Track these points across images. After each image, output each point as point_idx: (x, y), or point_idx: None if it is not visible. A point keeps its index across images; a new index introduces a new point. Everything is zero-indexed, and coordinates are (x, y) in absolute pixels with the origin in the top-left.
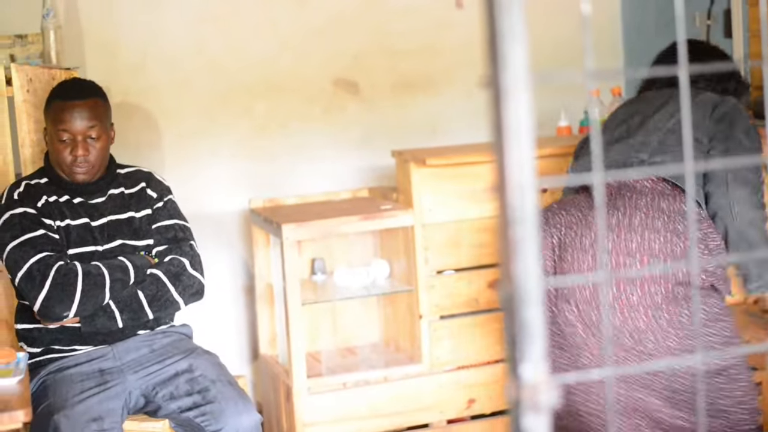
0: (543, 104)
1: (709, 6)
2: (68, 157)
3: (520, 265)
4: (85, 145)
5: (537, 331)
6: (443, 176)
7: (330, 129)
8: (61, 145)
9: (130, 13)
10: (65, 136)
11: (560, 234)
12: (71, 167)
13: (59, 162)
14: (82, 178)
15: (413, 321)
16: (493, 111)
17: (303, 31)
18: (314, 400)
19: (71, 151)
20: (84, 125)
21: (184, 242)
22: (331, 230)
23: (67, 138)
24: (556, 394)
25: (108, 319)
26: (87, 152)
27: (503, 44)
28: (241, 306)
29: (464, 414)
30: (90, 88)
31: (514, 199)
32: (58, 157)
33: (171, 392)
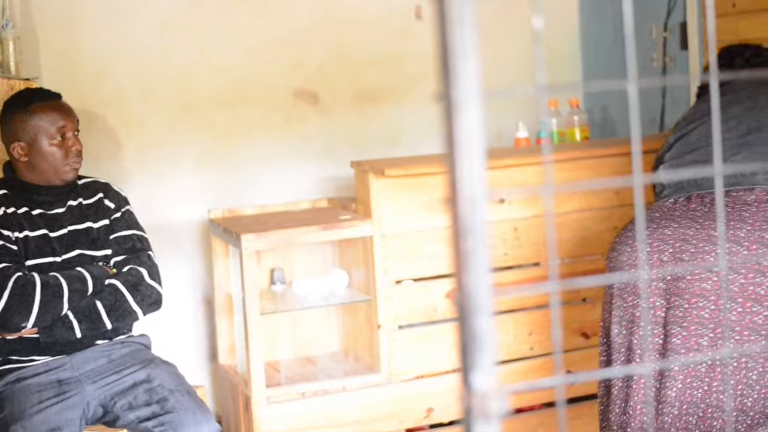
0: (501, 116)
1: (666, 18)
2: (66, 155)
3: (471, 275)
4: (77, 138)
5: (487, 340)
6: (402, 187)
7: (291, 139)
8: (57, 145)
9: (92, 22)
10: (60, 133)
11: (673, 248)
12: (67, 164)
13: (52, 164)
14: (73, 174)
15: (372, 331)
16: (445, 124)
17: (266, 42)
18: (273, 410)
19: (69, 146)
20: (74, 119)
21: (142, 252)
22: (291, 240)
23: (62, 134)
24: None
25: (66, 330)
26: (81, 145)
27: (454, 59)
28: (200, 316)
29: (423, 423)
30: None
31: (465, 211)
32: (50, 158)
33: (129, 402)
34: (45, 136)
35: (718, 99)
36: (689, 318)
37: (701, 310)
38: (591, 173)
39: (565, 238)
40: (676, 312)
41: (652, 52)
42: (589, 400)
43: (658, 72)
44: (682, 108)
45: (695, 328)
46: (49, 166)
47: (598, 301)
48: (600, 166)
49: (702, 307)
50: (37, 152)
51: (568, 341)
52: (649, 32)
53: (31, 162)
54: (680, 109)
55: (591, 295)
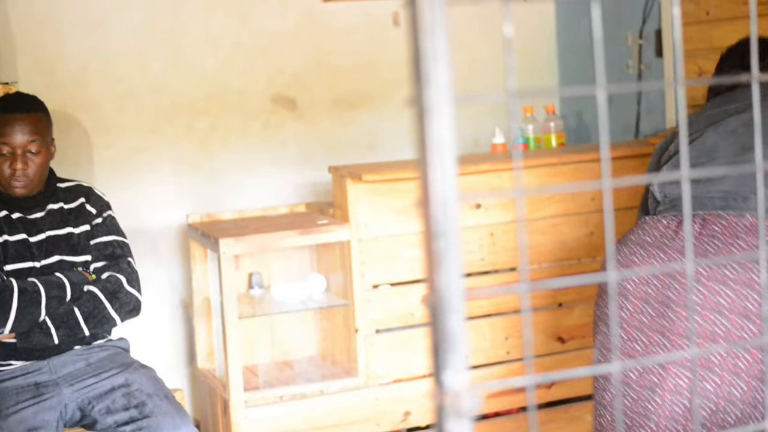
0: (479, 122)
1: (641, 26)
2: (7, 171)
3: (443, 276)
4: (24, 159)
5: (459, 339)
6: (379, 191)
7: (269, 145)
8: (3, 161)
9: (71, 28)
10: (5, 150)
11: (659, 283)
12: (9, 180)
13: (2, 179)
14: (20, 192)
15: (349, 335)
16: (417, 128)
17: (244, 48)
18: (251, 414)
19: (10, 164)
20: (24, 139)
21: (122, 259)
22: (269, 245)
23: (7, 151)
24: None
25: (44, 336)
26: (26, 166)
27: (426, 63)
28: (179, 320)
29: (400, 427)
30: (31, 102)
31: (437, 213)
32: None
33: (107, 406)
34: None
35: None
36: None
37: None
38: (567, 179)
39: (542, 243)
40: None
41: (627, 59)
42: (565, 404)
43: (634, 79)
44: (657, 115)
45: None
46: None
47: (574, 306)
48: (576, 172)
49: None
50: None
51: (544, 346)
52: (625, 39)
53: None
54: (655, 116)
55: (567, 299)
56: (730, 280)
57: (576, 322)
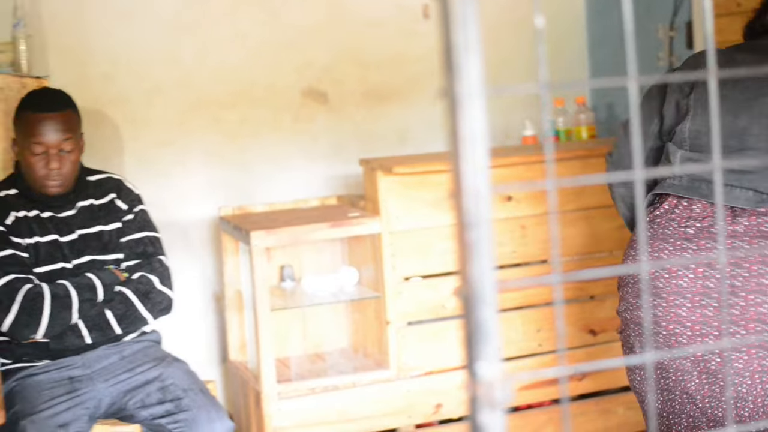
0: (509, 115)
1: (672, 18)
2: (42, 171)
3: (476, 267)
4: (58, 158)
5: (491, 330)
6: (410, 184)
7: (299, 138)
8: (34, 158)
9: (101, 22)
10: (39, 149)
11: (691, 278)
12: (44, 181)
13: (31, 175)
14: (54, 191)
15: (381, 327)
16: (449, 121)
17: (274, 42)
18: (283, 406)
19: (45, 164)
20: (58, 138)
21: (154, 257)
22: (300, 237)
23: (41, 151)
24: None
25: (76, 338)
26: (61, 165)
27: (458, 56)
28: (211, 312)
29: (432, 419)
30: (62, 99)
31: (469, 204)
32: (30, 170)
33: (142, 399)
34: (28, 148)
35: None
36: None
37: (679, 308)
38: (598, 171)
39: (573, 235)
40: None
41: (658, 51)
42: (596, 396)
43: (664, 71)
44: None
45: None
46: (29, 176)
47: (605, 298)
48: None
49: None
50: (23, 159)
51: (575, 338)
52: (656, 31)
53: (22, 165)
54: None
55: (598, 292)
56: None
57: (607, 315)
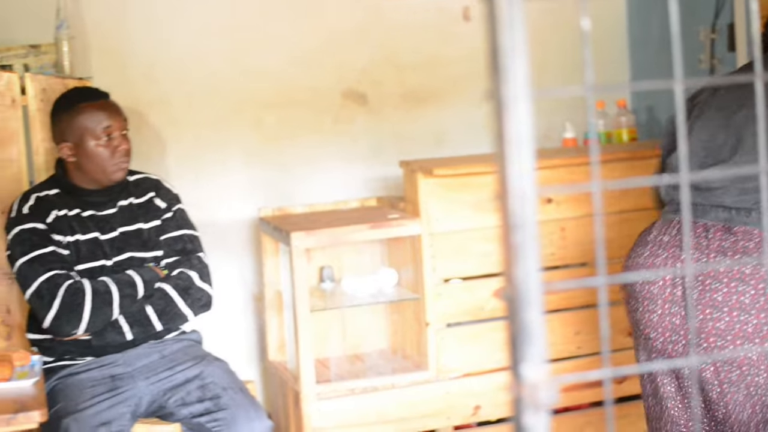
0: (549, 116)
1: (713, 20)
2: (110, 157)
3: (521, 268)
4: (125, 139)
5: (537, 331)
6: (450, 186)
7: (339, 140)
8: (100, 146)
9: (141, 24)
10: (112, 132)
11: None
12: (114, 165)
13: (99, 164)
14: (121, 175)
15: (420, 328)
16: (495, 122)
17: (313, 44)
18: (322, 406)
19: (114, 149)
20: (120, 119)
21: (193, 254)
22: (340, 238)
23: (109, 134)
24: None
25: (117, 334)
26: (127, 144)
27: (504, 58)
28: (250, 313)
29: (470, 420)
30: (101, 90)
31: (515, 206)
32: (97, 159)
33: (182, 398)
34: (91, 137)
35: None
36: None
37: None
38: (638, 174)
39: (612, 238)
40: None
41: (699, 53)
42: (636, 399)
43: (706, 73)
44: None
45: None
46: (96, 167)
47: None
48: (647, 167)
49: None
50: (84, 153)
51: (614, 341)
52: (697, 34)
53: (78, 163)
54: None
55: None
56: (748, 277)
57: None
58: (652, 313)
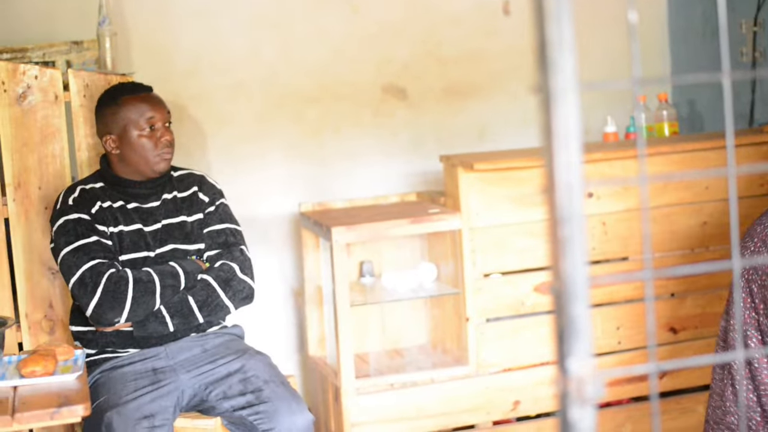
0: (590, 110)
1: (756, 13)
2: (154, 147)
3: (569, 262)
4: (168, 129)
5: (583, 326)
6: (490, 181)
7: (379, 134)
8: (145, 137)
9: (184, 20)
10: (149, 124)
11: None
12: (158, 155)
13: (143, 155)
14: (165, 165)
15: (460, 323)
16: (542, 116)
17: (354, 39)
18: (362, 401)
19: (157, 140)
20: (162, 111)
21: (235, 247)
22: (380, 233)
23: (152, 125)
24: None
25: (159, 324)
26: (172, 137)
27: (552, 51)
28: (291, 307)
29: (510, 416)
30: (144, 84)
31: (562, 199)
32: (141, 150)
33: (224, 391)
34: (134, 128)
35: None
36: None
37: None
38: (680, 167)
39: (654, 232)
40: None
41: (741, 46)
42: (677, 395)
43: (748, 66)
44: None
45: None
46: (140, 158)
47: (686, 296)
48: (690, 161)
49: None
50: (128, 144)
51: (656, 336)
52: (739, 26)
53: (122, 154)
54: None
55: (679, 290)
56: None
57: (689, 313)
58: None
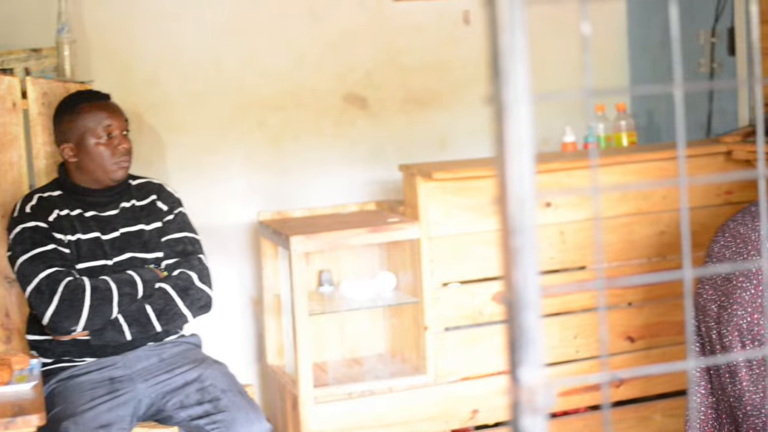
0: (549, 120)
1: (714, 24)
2: (111, 156)
3: (520, 272)
4: (126, 138)
5: (535, 335)
6: (449, 190)
7: (339, 143)
8: (102, 146)
9: (144, 28)
10: (113, 131)
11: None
12: (115, 164)
13: (100, 164)
14: (122, 174)
15: (419, 332)
16: (495, 126)
17: (315, 47)
18: (320, 410)
19: (116, 145)
20: (121, 119)
21: (193, 256)
22: (339, 242)
23: (109, 134)
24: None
25: (117, 333)
26: (129, 145)
27: (505, 62)
28: (249, 317)
29: (468, 424)
30: (102, 93)
31: (514, 210)
32: (97, 159)
33: (181, 401)
34: (91, 136)
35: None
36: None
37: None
38: (638, 178)
39: (612, 242)
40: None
41: (699, 57)
42: (634, 403)
43: (706, 77)
44: (729, 114)
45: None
46: (97, 166)
47: (644, 305)
48: (647, 171)
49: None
50: (85, 152)
51: (613, 345)
52: (697, 37)
53: (80, 163)
54: (727, 115)
55: (637, 299)
56: None
57: (645, 322)
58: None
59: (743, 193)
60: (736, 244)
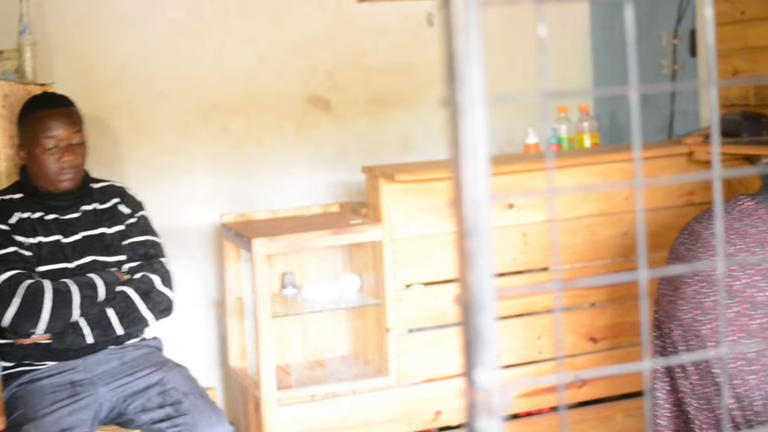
0: (512, 122)
1: (676, 25)
2: (54, 166)
3: (475, 274)
4: (71, 150)
5: (490, 337)
6: (412, 192)
7: (303, 145)
8: (47, 154)
9: (107, 30)
10: (51, 144)
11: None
12: (59, 175)
13: (45, 172)
14: (67, 185)
15: (381, 334)
16: (450, 129)
17: (279, 49)
18: (283, 413)
19: (58, 158)
20: (68, 131)
21: (155, 259)
22: (302, 245)
23: (54, 145)
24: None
25: (77, 336)
26: (74, 157)
27: (460, 65)
28: (212, 319)
29: (431, 426)
30: (64, 98)
31: (469, 212)
32: (43, 167)
33: (143, 404)
34: (38, 145)
35: None
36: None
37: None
38: (601, 179)
39: (575, 243)
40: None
41: (661, 58)
42: (596, 404)
43: (668, 79)
44: (691, 115)
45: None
46: (44, 174)
47: (606, 306)
48: (610, 172)
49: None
50: (33, 159)
51: (576, 346)
52: (659, 39)
53: (31, 167)
54: (689, 117)
55: (599, 299)
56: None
57: (608, 322)
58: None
59: (705, 194)
60: (690, 241)
